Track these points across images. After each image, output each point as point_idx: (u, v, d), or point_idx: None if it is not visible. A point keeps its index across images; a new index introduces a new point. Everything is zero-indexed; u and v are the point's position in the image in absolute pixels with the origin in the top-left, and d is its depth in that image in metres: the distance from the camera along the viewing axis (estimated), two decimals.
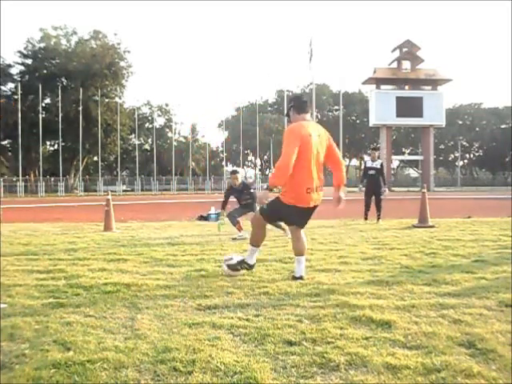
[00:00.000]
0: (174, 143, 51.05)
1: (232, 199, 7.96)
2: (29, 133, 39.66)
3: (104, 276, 4.37)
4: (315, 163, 4.11)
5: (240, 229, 7.46)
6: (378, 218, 10.09)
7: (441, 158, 67.34)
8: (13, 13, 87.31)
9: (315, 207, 4.28)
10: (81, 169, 45.51)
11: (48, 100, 46.03)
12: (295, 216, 4.25)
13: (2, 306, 3.31)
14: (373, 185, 10.40)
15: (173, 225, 9.99)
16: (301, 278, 4.17)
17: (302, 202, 4.14)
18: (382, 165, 10.68)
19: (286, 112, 4.48)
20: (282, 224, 6.75)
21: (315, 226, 9.45)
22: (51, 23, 73.63)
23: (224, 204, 7.91)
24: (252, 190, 7.88)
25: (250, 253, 4.45)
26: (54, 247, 6.39)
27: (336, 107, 64.52)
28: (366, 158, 11.94)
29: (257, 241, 4.44)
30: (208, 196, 34.25)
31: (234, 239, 7.17)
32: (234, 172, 8.11)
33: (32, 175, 43.49)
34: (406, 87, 47.61)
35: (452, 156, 69.51)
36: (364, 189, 10.58)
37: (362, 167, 11.06)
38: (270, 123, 57.13)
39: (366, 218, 10.33)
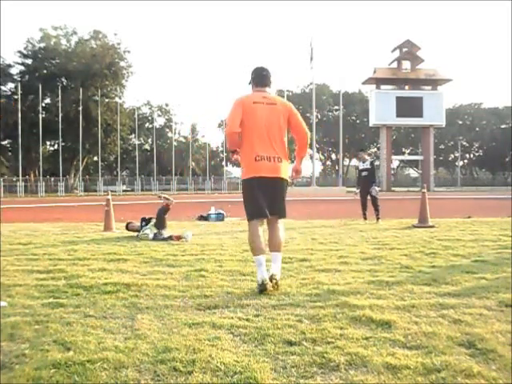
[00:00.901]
0: (174, 143, 51.04)
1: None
2: (29, 133, 39.67)
3: (104, 276, 4.37)
4: (266, 132, 3.81)
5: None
6: (378, 218, 10.11)
7: (441, 158, 67.33)
8: (13, 13, 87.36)
9: (276, 180, 3.82)
10: (81, 169, 45.52)
11: (48, 100, 46.05)
12: (256, 192, 3.79)
13: (3, 304, 3.31)
14: (367, 185, 10.48)
15: (173, 225, 9.99)
16: (272, 277, 3.68)
17: (253, 171, 3.79)
18: (372, 163, 10.72)
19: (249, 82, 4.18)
20: None
21: (315, 225, 9.45)
22: (51, 23, 73.70)
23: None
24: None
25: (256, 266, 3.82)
26: (54, 247, 6.39)
27: (336, 107, 64.46)
28: (357, 161, 12.13)
29: (251, 249, 3.91)
30: (208, 196, 34.25)
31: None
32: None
33: (32, 175, 43.50)
34: (406, 87, 47.62)
35: (452, 156, 69.51)
36: (359, 191, 10.67)
37: (356, 171, 11.12)
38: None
39: (365, 218, 10.37)
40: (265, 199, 3.83)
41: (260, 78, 4.03)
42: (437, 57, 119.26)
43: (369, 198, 10.44)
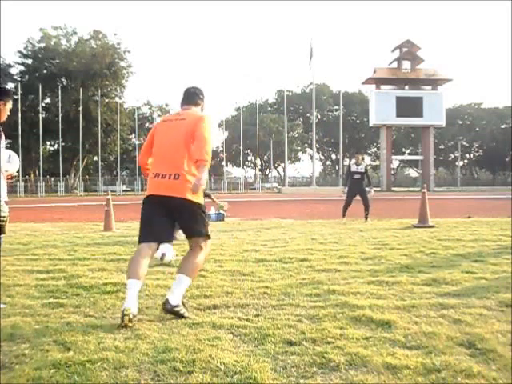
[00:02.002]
0: None
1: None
2: (29, 133, 39.65)
3: (104, 276, 4.37)
4: (167, 149, 3.39)
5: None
6: (366, 218, 10.18)
7: (441, 158, 67.29)
8: (13, 13, 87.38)
9: (174, 199, 3.24)
10: (81, 169, 45.50)
11: (48, 100, 45.99)
12: (149, 212, 3.37)
13: (2, 306, 3.31)
14: (357, 188, 10.48)
15: None
16: (170, 307, 3.06)
17: (149, 189, 3.40)
18: (365, 168, 10.74)
19: None
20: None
21: (315, 225, 9.45)
22: (51, 23, 73.66)
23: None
24: None
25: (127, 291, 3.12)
26: (53, 247, 6.39)
27: (336, 107, 64.44)
28: (350, 161, 12.23)
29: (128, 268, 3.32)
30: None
31: None
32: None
33: (32, 175, 43.50)
34: (406, 87, 47.64)
35: (452, 156, 69.46)
36: (347, 191, 10.66)
37: (345, 170, 11.11)
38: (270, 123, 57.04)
39: (344, 216, 10.38)
40: (162, 220, 3.33)
41: (185, 96, 3.68)
42: (437, 57, 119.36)
43: (358, 198, 10.50)
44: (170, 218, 3.35)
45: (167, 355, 2.38)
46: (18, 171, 3.88)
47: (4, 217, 3.21)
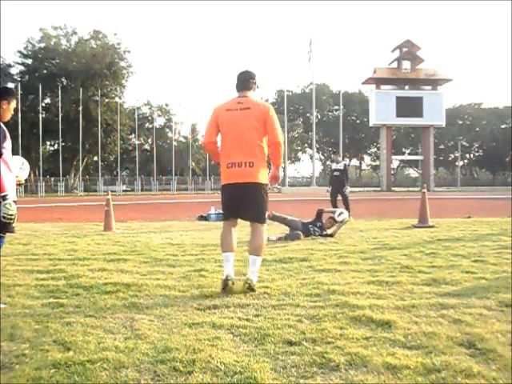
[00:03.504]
0: (174, 143, 51.03)
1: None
2: (29, 133, 39.64)
3: (104, 276, 4.37)
4: (237, 138, 3.78)
5: None
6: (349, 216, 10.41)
7: (441, 158, 67.27)
8: (13, 13, 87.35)
9: (247, 186, 3.79)
10: (81, 169, 45.50)
11: (48, 100, 46.00)
12: (228, 200, 3.90)
13: (2, 306, 3.31)
14: (337, 185, 11.06)
15: (173, 225, 9.99)
16: (249, 283, 3.68)
17: (225, 179, 3.86)
18: (345, 166, 11.31)
19: None
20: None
21: None
22: (51, 23, 73.64)
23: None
24: None
25: (223, 262, 3.94)
26: (53, 247, 6.39)
27: (336, 107, 64.43)
28: (331, 162, 12.89)
29: (221, 244, 4.00)
30: (208, 196, 34.24)
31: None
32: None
33: (32, 175, 43.48)
34: (406, 87, 47.63)
35: (452, 156, 69.44)
36: (330, 190, 11.27)
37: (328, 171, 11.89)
38: None
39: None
40: (236, 204, 3.88)
41: (239, 82, 3.98)
42: (437, 57, 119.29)
43: (340, 198, 10.75)
44: (240, 201, 3.84)
45: (167, 355, 2.38)
46: (26, 179, 3.93)
47: (11, 215, 3.21)
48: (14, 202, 3.30)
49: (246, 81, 3.97)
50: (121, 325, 2.93)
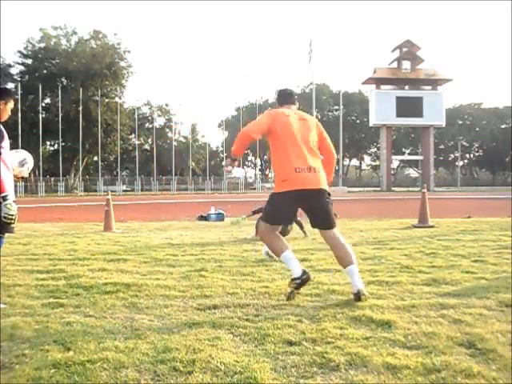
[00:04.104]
0: (174, 143, 51.02)
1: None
2: (29, 133, 39.64)
3: (104, 276, 4.37)
4: (303, 142, 3.67)
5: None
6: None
7: (441, 158, 67.30)
8: (13, 13, 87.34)
9: (319, 192, 3.60)
10: (81, 169, 45.50)
11: (48, 100, 46.00)
12: (289, 204, 3.63)
13: (2, 306, 3.31)
14: None
15: (173, 225, 9.99)
16: (358, 293, 3.41)
17: (294, 184, 3.55)
18: None
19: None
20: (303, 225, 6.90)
21: None
22: (51, 23, 73.63)
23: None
24: None
25: (287, 265, 3.72)
26: (53, 247, 6.40)
27: (336, 107, 64.48)
28: None
29: (274, 250, 3.75)
30: (208, 196, 34.26)
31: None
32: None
33: (32, 175, 43.49)
34: (406, 87, 47.63)
35: (452, 156, 69.47)
36: None
37: None
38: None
39: None
40: (296, 211, 3.82)
41: (286, 95, 4.02)
42: (437, 57, 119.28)
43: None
44: (307, 208, 3.69)
45: (167, 355, 2.38)
46: (26, 178, 3.91)
47: (12, 215, 3.21)
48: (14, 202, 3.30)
49: (291, 94, 4.06)
50: (121, 325, 2.93)
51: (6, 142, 3.37)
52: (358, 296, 3.40)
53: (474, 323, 2.88)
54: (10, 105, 3.48)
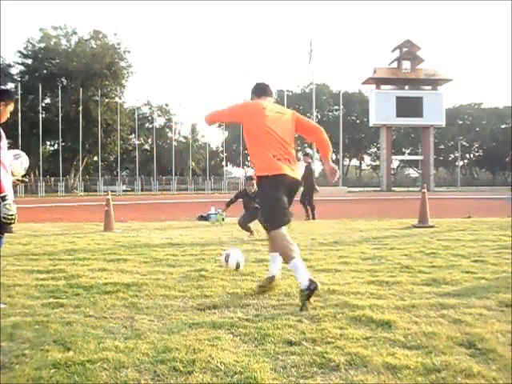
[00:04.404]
0: (174, 143, 51.02)
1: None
2: (29, 133, 39.65)
3: (104, 276, 4.37)
4: (278, 136, 3.64)
5: (252, 233, 7.56)
6: (313, 218, 11.04)
7: (441, 158, 67.29)
8: (13, 13, 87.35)
9: (294, 183, 3.68)
10: (81, 169, 45.50)
11: (48, 100, 46.02)
12: (280, 193, 3.55)
13: (2, 306, 3.31)
14: (304, 186, 11.46)
15: (173, 225, 9.99)
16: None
17: (274, 169, 3.54)
18: (306, 167, 11.75)
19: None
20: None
21: (315, 225, 9.45)
22: (51, 23, 73.65)
23: (229, 204, 8.24)
24: None
25: (294, 272, 3.49)
26: (53, 247, 6.39)
27: (336, 107, 64.48)
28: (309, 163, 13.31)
29: (285, 254, 3.51)
30: (208, 196, 34.25)
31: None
32: (251, 178, 8.10)
33: (32, 175, 43.51)
34: (406, 87, 47.63)
35: (452, 156, 69.47)
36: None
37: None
38: None
39: (307, 216, 11.18)
40: (286, 201, 3.63)
41: (263, 88, 4.04)
42: (437, 57, 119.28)
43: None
44: (288, 197, 3.69)
45: (167, 355, 2.38)
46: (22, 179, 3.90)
47: (11, 215, 3.21)
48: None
49: (267, 87, 4.06)
50: (121, 325, 2.93)
51: (4, 143, 3.37)
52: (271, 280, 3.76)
53: (474, 323, 2.88)
54: (10, 107, 3.48)
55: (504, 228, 8.41)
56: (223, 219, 9.97)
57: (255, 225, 6.98)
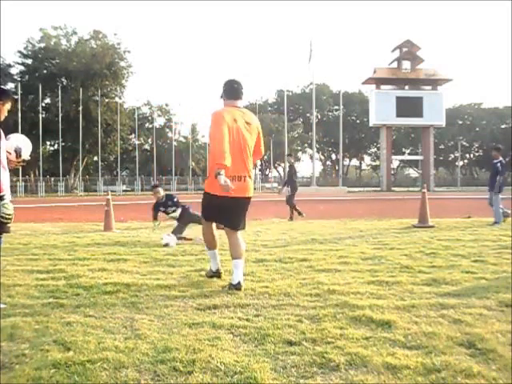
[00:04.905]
0: (174, 143, 51.02)
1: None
2: (29, 133, 39.54)
3: (104, 276, 4.37)
4: (242, 150, 3.86)
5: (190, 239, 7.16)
6: (291, 218, 11.21)
7: (441, 158, 67.25)
8: (13, 13, 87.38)
9: (243, 200, 3.97)
10: (81, 169, 45.50)
11: (48, 100, 45.99)
12: (225, 210, 3.93)
13: (2, 306, 3.31)
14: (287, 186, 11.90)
15: (173, 225, 9.98)
16: (238, 285, 3.79)
17: (221, 189, 3.71)
18: (290, 167, 12.30)
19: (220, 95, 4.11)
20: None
21: (315, 225, 9.45)
22: (51, 23, 73.66)
23: (155, 215, 8.09)
24: (175, 199, 7.94)
25: (209, 258, 4.34)
26: (53, 247, 6.39)
27: (336, 107, 64.46)
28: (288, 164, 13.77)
29: (207, 242, 4.27)
30: None
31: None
32: (155, 186, 8.21)
33: (32, 175, 43.50)
34: (406, 87, 47.63)
35: (452, 156, 69.45)
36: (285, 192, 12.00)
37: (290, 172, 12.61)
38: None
39: (299, 213, 11.35)
40: (224, 213, 3.97)
41: (234, 90, 4.01)
42: (437, 57, 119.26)
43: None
44: (229, 212, 3.97)
45: (167, 355, 2.38)
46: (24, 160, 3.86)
47: (9, 214, 3.22)
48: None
49: (239, 90, 4.03)
50: (121, 325, 2.93)
51: (3, 143, 3.37)
52: (238, 286, 3.79)
53: (474, 323, 2.88)
54: (8, 106, 3.47)
55: (504, 228, 8.41)
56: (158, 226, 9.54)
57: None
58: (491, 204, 9.68)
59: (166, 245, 6.36)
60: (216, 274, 4.23)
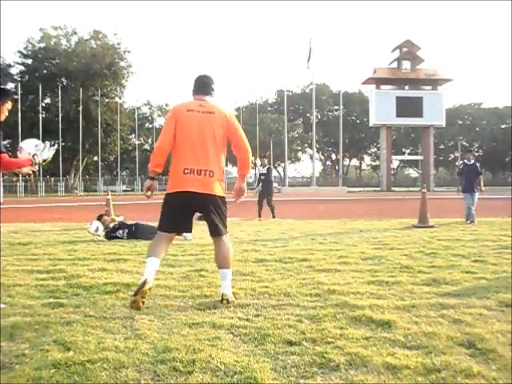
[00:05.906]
0: None
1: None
2: (29, 133, 39.51)
3: (104, 276, 4.37)
4: (199, 143, 3.41)
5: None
6: (273, 216, 11.45)
7: (441, 158, 67.24)
8: (13, 13, 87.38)
9: (205, 197, 3.41)
10: (81, 169, 45.48)
11: (48, 100, 45.97)
12: (175, 207, 3.49)
13: (2, 306, 3.31)
14: (265, 188, 12.02)
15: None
16: (223, 297, 3.40)
17: (178, 185, 3.42)
18: (268, 169, 12.33)
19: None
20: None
21: (315, 225, 9.45)
22: (51, 23, 73.65)
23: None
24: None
25: (146, 266, 3.39)
26: (53, 247, 6.39)
27: (336, 107, 64.44)
28: (258, 164, 14.14)
29: (150, 248, 3.55)
30: None
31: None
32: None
33: (32, 175, 43.49)
34: (406, 87, 47.64)
35: (452, 156, 69.44)
36: (259, 192, 12.22)
37: (258, 173, 12.89)
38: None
39: (259, 216, 11.52)
40: (186, 215, 3.55)
41: (200, 85, 3.62)
42: (437, 57, 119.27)
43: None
44: (192, 212, 3.60)
45: (167, 355, 2.38)
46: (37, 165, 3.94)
47: (45, 160, 3.29)
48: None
49: (206, 84, 3.63)
50: (121, 325, 2.93)
51: (2, 143, 3.38)
52: (222, 299, 3.42)
53: (474, 323, 2.88)
54: (8, 105, 3.48)
55: (504, 228, 8.41)
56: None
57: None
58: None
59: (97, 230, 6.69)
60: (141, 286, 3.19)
